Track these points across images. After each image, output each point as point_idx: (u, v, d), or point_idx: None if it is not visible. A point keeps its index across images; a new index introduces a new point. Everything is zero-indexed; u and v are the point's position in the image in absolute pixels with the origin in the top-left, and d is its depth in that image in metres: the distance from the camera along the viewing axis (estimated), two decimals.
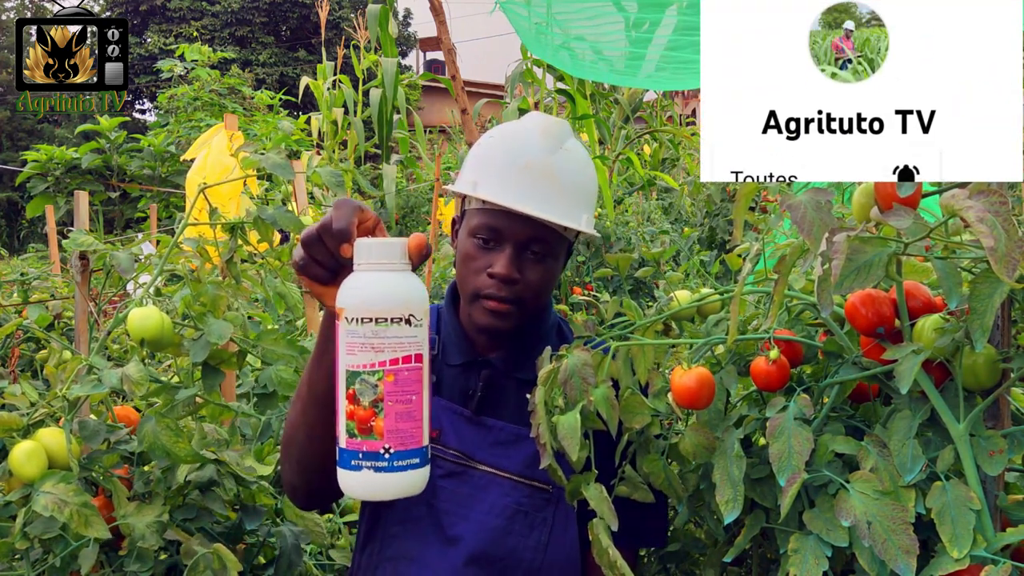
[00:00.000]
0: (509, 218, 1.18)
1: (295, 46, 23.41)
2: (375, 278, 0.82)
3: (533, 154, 1.20)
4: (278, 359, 1.31)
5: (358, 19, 9.90)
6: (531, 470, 1.21)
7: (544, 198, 1.17)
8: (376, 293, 0.80)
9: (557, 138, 1.22)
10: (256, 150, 1.32)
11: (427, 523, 1.22)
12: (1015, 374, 0.88)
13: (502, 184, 1.19)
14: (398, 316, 0.80)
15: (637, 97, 9.32)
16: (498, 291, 1.18)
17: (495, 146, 1.23)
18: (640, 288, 5.23)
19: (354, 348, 0.80)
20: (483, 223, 1.21)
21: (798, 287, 1.12)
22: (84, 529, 1.10)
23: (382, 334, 0.79)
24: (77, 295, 1.39)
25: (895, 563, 0.81)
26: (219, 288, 1.32)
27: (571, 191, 1.20)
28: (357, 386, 0.80)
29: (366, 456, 0.80)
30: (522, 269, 1.19)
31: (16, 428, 1.19)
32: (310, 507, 1.26)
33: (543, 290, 1.23)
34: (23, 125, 21.36)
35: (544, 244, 1.20)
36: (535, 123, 1.23)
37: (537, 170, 1.19)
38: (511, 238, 1.19)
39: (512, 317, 1.20)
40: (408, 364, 0.80)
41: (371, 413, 0.79)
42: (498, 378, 1.26)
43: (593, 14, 3.87)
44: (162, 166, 9.81)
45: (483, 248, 1.21)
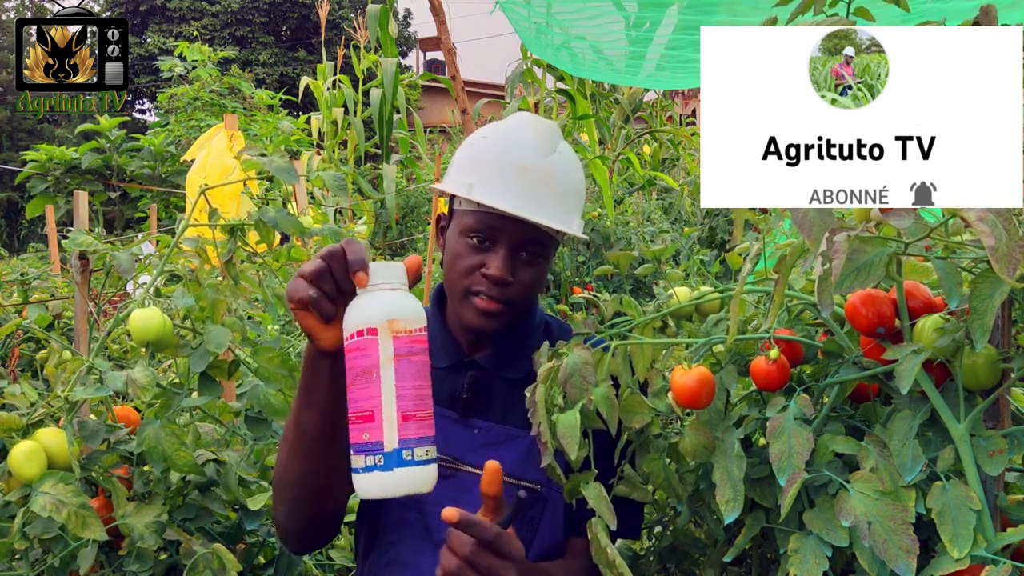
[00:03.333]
0: (504, 220, 1.18)
1: (295, 46, 23.42)
2: (403, 296, 0.91)
3: (529, 157, 1.20)
4: (271, 378, 1.30)
5: (358, 19, 9.91)
6: (520, 469, 1.21)
7: (541, 202, 1.17)
8: (412, 307, 0.90)
9: (551, 140, 1.22)
10: (259, 153, 1.32)
11: (419, 528, 1.23)
12: (1015, 374, 0.87)
13: (499, 187, 1.18)
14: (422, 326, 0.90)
15: (637, 97, 9.33)
16: (490, 291, 1.18)
17: (489, 148, 1.22)
18: (640, 287, 5.23)
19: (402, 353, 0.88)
20: (477, 224, 1.20)
21: (798, 287, 1.12)
22: (81, 530, 1.10)
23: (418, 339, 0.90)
24: (77, 295, 1.39)
25: (895, 563, 0.81)
26: (218, 292, 1.32)
27: (565, 195, 1.21)
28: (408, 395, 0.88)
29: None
30: (515, 271, 1.19)
31: (16, 428, 1.18)
32: (304, 550, 1.25)
33: (533, 291, 1.23)
34: (23, 125, 21.37)
35: (538, 246, 1.20)
36: (527, 124, 1.23)
37: (534, 174, 1.19)
38: (506, 240, 1.19)
39: (502, 317, 1.20)
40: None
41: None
42: (484, 379, 1.27)
43: (593, 14, 3.87)
44: (162, 166, 9.81)
45: (476, 248, 1.20)
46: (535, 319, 1.32)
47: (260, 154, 1.32)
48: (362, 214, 5.21)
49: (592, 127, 7.30)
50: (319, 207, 3.75)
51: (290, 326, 3.07)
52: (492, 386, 1.27)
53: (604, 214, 5.79)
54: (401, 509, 1.24)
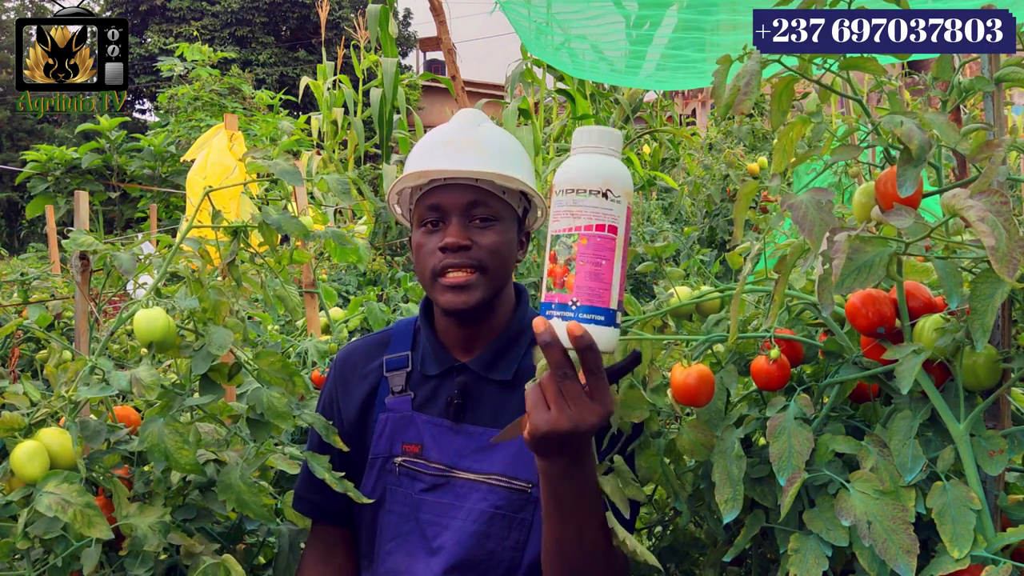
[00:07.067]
0: (443, 192, 1.22)
1: (295, 46, 23.40)
2: (582, 158, 0.94)
3: (452, 133, 1.25)
4: (272, 382, 1.30)
5: (358, 19, 9.90)
6: (513, 470, 1.22)
7: (468, 156, 1.21)
8: (579, 169, 0.93)
9: (474, 119, 1.28)
10: (264, 155, 1.32)
11: (415, 537, 1.24)
12: (1015, 374, 0.88)
13: (426, 159, 1.23)
14: (596, 189, 0.91)
15: (637, 97, 9.33)
16: (453, 259, 1.20)
17: (415, 146, 1.29)
18: (640, 287, 5.23)
19: (558, 216, 0.93)
20: (423, 209, 1.24)
21: (798, 287, 1.12)
22: (87, 529, 1.10)
23: (580, 203, 0.91)
24: (77, 295, 1.39)
25: (895, 563, 0.81)
26: (220, 293, 1.32)
27: (498, 155, 1.23)
28: (557, 247, 0.92)
29: (557, 307, 0.92)
30: (472, 235, 1.21)
31: (18, 428, 1.18)
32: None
33: (502, 256, 1.23)
34: (23, 125, 21.35)
35: (486, 207, 1.22)
36: (450, 120, 1.30)
37: (458, 142, 1.23)
38: (453, 209, 1.21)
39: (476, 288, 1.21)
40: (600, 232, 0.91)
41: (565, 270, 0.91)
42: (474, 383, 1.27)
43: (593, 14, 3.87)
44: (162, 166, 9.80)
45: (431, 232, 1.23)
46: (523, 320, 1.32)
47: (264, 156, 1.32)
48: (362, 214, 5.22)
49: None
50: (319, 207, 3.74)
51: (290, 326, 3.07)
52: (482, 390, 1.28)
53: None
54: (399, 521, 1.26)
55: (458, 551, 1.20)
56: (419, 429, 1.27)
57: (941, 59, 1.00)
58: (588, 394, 0.92)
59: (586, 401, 0.91)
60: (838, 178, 1.92)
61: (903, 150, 0.87)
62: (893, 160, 0.96)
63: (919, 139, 0.85)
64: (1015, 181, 0.98)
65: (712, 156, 7.44)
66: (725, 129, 8.18)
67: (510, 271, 1.28)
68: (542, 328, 0.90)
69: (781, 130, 1.03)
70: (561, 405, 0.91)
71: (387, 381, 1.33)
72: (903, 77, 3.55)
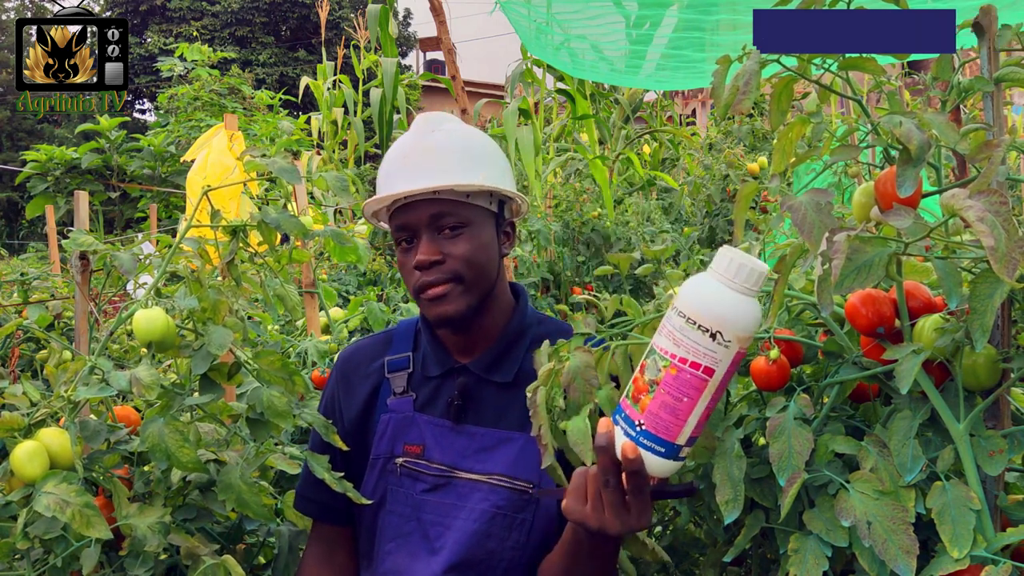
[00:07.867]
0: (407, 211, 1.22)
1: (295, 46, 23.40)
2: (709, 286, 0.89)
3: (407, 146, 1.26)
4: (272, 381, 1.30)
5: (358, 19, 9.90)
6: (514, 470, 1.22)
7: (424, 171, 1.21)
8: (699, 299, 0.88)
9: (432, 123, 1.28)
10: (262, 154, 1.32)
11: (416, 537, 1.24)
12: (1015, 374, 0.88)
13: (386, 183, 1.24)
14: (705, 327, 0.86)
15: (637, 97, 9.33)
16: (428, 276, 1.20)
17: (383, 160, 1.29)
18: (640, 287, 5.23)
19: (663, 331, 0.90)
20: (395, 231, 1.25)
21: (798, 287, 1.12)
22: (86, 529, 1.09)
23: (686, 332, 0.87)
24: (77, 295, 1.39)
25: (895, 563, 0.81)
26: (220, 293, 1.32)
27: (454, 156, 1.23)
28: (648, 361, 0.90)
29: (625, 419, 0.91)
30: (443, 248, 1.21)
31: (18, 428, 1.18)
32: None
33: (479, 262, 1.23)
34: (23, 125, 21.35)
35: (453, 215, 1.22)
36: (412, 124, 1.30)
37: (413, 155, 1.24)
38: (418, 225, 1.22)
39: (455, 297, 1.21)
40: (694, 370, 0.87)
41: (646, 388, 0.89)
42: (474, 384, 1.28)
43: (593, 14, 3.87)
44: (162, 166, 9.79)
45: (406, 251, 1.24)
46: (523, 321, 1.32)
47: (262, 155, 1.32)
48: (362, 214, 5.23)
49: (592, 127, 7.30)
50: (319, 207, 3.74)
51: (290, 326, 3.07)
52: (482, 391, 1.28)
53: (604, 214, 5.79)
54: (401, 521, 1.26)
55: (459, 551, 1.20)
56: (421, 430, 1.28)
57: (941, 59, 1.00)
58: (626, 505, 0.92)
59: (622, 512, 0.92)
60: (838, 178, 1.92)
61: (902, 150, 0.87)
62: (892, 160, 0.96)
63: (918, 139, 0.85)
64: (1014, 181, 0.98)
65: (712, 156, 7.44)
66: (725, 129, 8.18)
67: (493, 271, 1.27)
68: (603, 430, 0.91)
69: (781, 130, 1.03)
70: (596, 506, 0.93)
71: (389, 382, 1.33)
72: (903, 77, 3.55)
